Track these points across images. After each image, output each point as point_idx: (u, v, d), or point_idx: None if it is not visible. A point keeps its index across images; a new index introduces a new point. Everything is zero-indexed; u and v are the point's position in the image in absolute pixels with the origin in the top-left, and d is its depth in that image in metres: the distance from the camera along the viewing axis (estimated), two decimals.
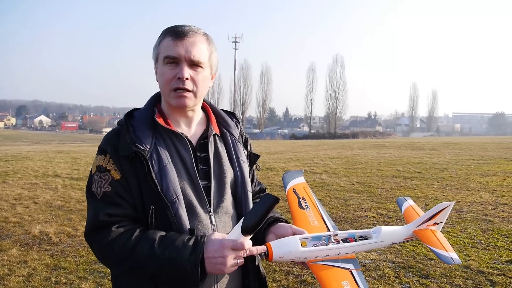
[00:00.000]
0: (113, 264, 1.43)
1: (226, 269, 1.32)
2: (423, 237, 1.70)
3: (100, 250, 1.43)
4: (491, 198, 8.34)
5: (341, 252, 1.56)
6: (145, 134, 1.47)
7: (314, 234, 1.57)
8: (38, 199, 8.56)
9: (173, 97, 1.48)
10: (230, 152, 1.64)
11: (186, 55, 1.44)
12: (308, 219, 1.75)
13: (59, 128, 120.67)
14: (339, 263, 1.54)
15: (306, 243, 1.53)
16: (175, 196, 1.41)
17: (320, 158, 16.94)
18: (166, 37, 1.47)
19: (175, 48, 1.44)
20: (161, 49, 1.48)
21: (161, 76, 1.48)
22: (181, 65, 1.45)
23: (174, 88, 1.46)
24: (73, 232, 6.11)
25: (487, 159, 15.81)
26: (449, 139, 39.30)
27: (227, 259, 1.30)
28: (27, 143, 36.89)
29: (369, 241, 1.62)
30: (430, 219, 1.69)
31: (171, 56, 1.44)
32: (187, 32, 1.46)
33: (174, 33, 1.46)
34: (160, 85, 1.51)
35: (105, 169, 1.44)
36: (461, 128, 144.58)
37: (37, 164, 14.77)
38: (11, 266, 4.77)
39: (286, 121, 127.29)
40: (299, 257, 1.50)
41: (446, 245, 1.70)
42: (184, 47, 1.44)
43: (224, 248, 1.31)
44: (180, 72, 1.44)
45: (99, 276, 4.50)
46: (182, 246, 1.33)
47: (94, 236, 1.42)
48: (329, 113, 65.92)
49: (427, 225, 1.70)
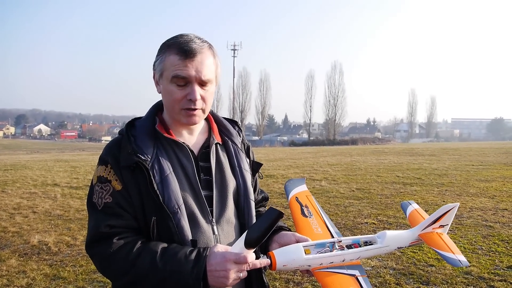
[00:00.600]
0: (114, 276, 1.41)
1: (228, 282, 1.30)
2: (429, 240, 1.67)
3: (101, 262, 1.41)
4: (491, 204, 8.33)
5: (346, 259, 1.54)
6: (146, 144, 1.46)
7: (318, 241, 1.55)
8: (37, 208, 8.53)
9: (184, 115, 1.47)
10: (232, 161, 1.63)
11: (196, 75, 1.42)
12: (312, 226, 1.74)
13: (58, 137, 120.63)
14: (344, 269, 1.52)
15: (310, 251, 1.51)
16: (176, 206, 1.39)
17: (319, 165, 16.93)
18: (172, 54, 1.42)
19: (184, 69, 1.41)
20: (167, 66, 1.43)
21: (168, 95, 1.45)
22: (192, 86, 1.43)
23: (184, 107, 1.45)
24: (72, 242, 6.08)
25: (486, 164, 15.80)
26: (448, 144, 39.34)
27: (229, 272, 1.29)
28: (26, 152, 36.85)
29: (374, 246, 1.60)
30: (435, 221, 1.66)
31: (180, 76, 1.41)
32: (195, 50, 1.41)
33: (182, 52, 1.41)
34: (168, 102, 1.49)
35: (106, 180, 1.43)
36: (460, 133, 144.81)
37: (36, 173, 14.74)
38: (10, 277, 4.74)
39: (285, 128, 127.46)
40: (303, 265, 1.48)
41: (453, 247, 1.67)
42: (194, 68, 1.41)
43: (227, 262, 1.29)
44: (192, 94, 1.42)
45: (98, 286, 4.47)
46: (184, 259, 1.31)
47: (95, 248, 1.40)
48: (328, 119, 66.07)
49: (432, 228, 1.68)
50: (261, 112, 69.63)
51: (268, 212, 1.29)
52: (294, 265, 1.47)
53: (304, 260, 1.47)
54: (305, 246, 1.52)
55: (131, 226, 1.41)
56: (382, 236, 1.62)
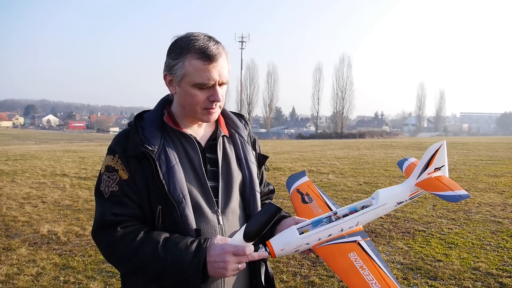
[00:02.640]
0: (117, 263, 1.47)
1: (227, 273, 1.34)
2: (427, 186, 1.58)
3: (106, 249, 1.46)
4: (499, 199, 8.27)
5: (344, 228, 1.53)
6: (154, 135, 1.49)
7: (314, 219, 1.56)
8: (46, 198, 8.62)
9: (204, 114, 1.51)
10: (239, 153, 1.66)
11: (219, 79, 1.47)
12: (312, 210, 1.75)
13: (67, 128, 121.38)
14: (345, 238, 1.52)
15: (308, 230, 1.52)
16: (182, 196, 1.43)
17: (327, 158, 16.89)
18: (193, 59, 1.43)
19: (209, 75, 1.44)
20: (189, 71, 1.44)
21: (190, 97, 1.48)
22: (215, 89, 1.47)
23: (205, 107, 1.49)
24: (81, 232, 6.15)
25: (495, 159, 15.68)
26: (456, 139, 39.01)
27: (228, 264, 1.33)
28: (35, 142, 37.16)
29: (370, 208, 1.57)
30: (427, 166, 1.57)
31: (205, 84, 1.45)
32: (215, 54, 1.44)
33: (204, 57, 1.43)
34: (189, 104, 1.50)
35: (113, 169, 1.46)
36: (469, 128, 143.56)
37: (45, 163, 14.87)
38: (20, 265, 4.81)
39: (293, 120, 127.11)
40: (301, 245, 1.48)
41: (453, 185, 1.57)
42: (218, 72, 1.46)
43: (226, 254, 1.33)
44: (216, 96, 1.47)
45: (107, 276, 4.52)
46: (185, 250, 1.35)
47: (100, 234, 1.46)
48: (335, 112, 65.70)
49: (428, 173, 1.59)
50: (269, 104, 69.40)
51: (267, 207, 1.33)
52: (291, 247, 1.48)
53: (300, 240, 1.48)
54: (302, 227, 1.52)
55: (135, 215, 1.45)
56: (375, 196, 1.60)
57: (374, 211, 1.57)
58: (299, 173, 2.07)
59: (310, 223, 1.54)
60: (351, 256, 1.43)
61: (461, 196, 1.50)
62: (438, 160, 1.57)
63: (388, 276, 1.37)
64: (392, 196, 1.60)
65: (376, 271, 1.39)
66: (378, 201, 1.57)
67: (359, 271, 1.38)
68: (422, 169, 1.58)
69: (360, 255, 1.44)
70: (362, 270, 1.38)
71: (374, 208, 1.56)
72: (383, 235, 5.90)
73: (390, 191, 1.62)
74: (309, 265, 4.74)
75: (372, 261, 1.43)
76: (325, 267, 4.63)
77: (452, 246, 5.41)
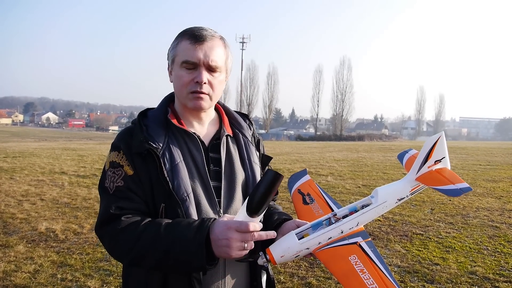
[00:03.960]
0: (120, 254, 1.42)
1: (232, 252, 1.27)
2: (428, 181, 1.50)
3: (110, 241, 1.42)
4: (497, 204, 8.28)
5: (344, 229, 1.48)
6: (158, 132, 1.48)
7: (313, 222, 1.52)
8: (45, 196, 8.61)
9: (190, 99, 1.49)
10: (242, 153, 1.64)
11: (204, 59, 1.46)
12: (313, 211, 1.71)
13: (66, 126, 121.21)
14: (346, 240, 1.47)
15: (308, 233, 1.48)
16: (186, 194, 1.41)
17: (325, 160, 16.91)
18: (183, 40, 1.48)
19: (194, 53, 1.45)
20: (178, 52, 1.48)
21: (178, 79, 1.49)
22: (199, 70, 1.46)
23: (191, 91, 1.48)
24: (79, 230, 6.15)
25: (494, 164, 15.72)
26: (455, 143, 39.04)
27: (231, 241, 1.26)
28: (34, 140, 37.09)
29: (370, 207, 1.52)
30: (426, 159, 1.50)
31: (190, 61, 1.46)
32: (205, 36, 1.47)
33: (192, 37, 1.47)
34: (177, 87, 1.52)
35: (118, 165, 1.46)
36: (468, 132, 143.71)
37: (44, 161, 14.86)
38: (18, 263, 4.81)
39: (292, 122, 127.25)
40: (301, 250, 1.45)
41: (454, 178, 1.49)
42: (203, 52, 1.46)
43: (229, 230, 1.27)
44: (199, 77, 1.46)
45: (104, 274, 4.53)
46: (187, 227, 1.32)
47: (104, 228, 1.42)
48: (335, 115, 65.72)
49: (428, 167, 1.51)
50: (268, 105, 69.40)
51: (266, 174, 1.24)
52: (291, 253, 1.44)
53: (299, 245, 1.44)
54: (302, 231, 1.49)
55: (140, 209, 1.43)
56: (375, 194, 1.55)
57: (375, 209, 1.52)
58: (300, 172, 2.02)
59: (310, 226, 1.51)
60: (351, 259, 1.39)
61: (462, 190, 1.43)
62: (437, 152, 1.50)
63: (389, 279, 1.33)
64: (392, 193, 1.55)
65: (376, 274, 1.34)
66: (377, 199, 1.52)
67: (359, 275, 1.33)
68: (421, 163, 1.51)
69: (360, 258, 1.40)
70: (363, 274, 1.34)
71: (374, 206, 1.52)
72: (381, 238, 5.91)
73: (389, 188, 1.57)
74: (306, 267, 4.74)
75: (373, 263, 1.38)
76: (323, 269, 4.64)
77: (450, 250, 5.42)
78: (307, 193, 1.83)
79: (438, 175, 1.51)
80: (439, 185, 1.47)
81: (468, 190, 1.42)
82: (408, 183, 1.55)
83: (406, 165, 1.71)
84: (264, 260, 1.44)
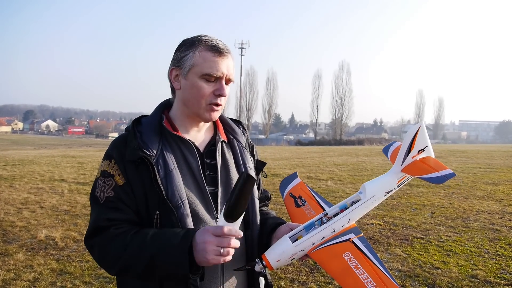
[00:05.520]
0: (109, 264, 1.42)
1: (208, 255, 1.27)
2: (413, 171, 1.52)
3: (99, 252, 1.43)
4: (498, 207, 8.27)
5: (336, 228, 1.51)
6: (152, 139, 1.48)
7: (305, 224, 1.54)
8: (45, 203, 8.60)
9: (208, 110, 1.52)
10: (237, 159, 1.65)
11: (227, 73, 1.50)
12: (305, 213, 1.73)
13: (66, 133, 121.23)
14: (338, 238, 1.49)
15: (302, 235, 1.50)
16: (180, 201, 1.41)
17: (325, 165, 16.90)
18: (204, 51, 1.48)
19: (218, 66, 1.47)
20: (199, 62, 1.47)
21: (196, 90, 1.49)
22: (221, 83, 1.50)
23: (211, 103, 1.50)
24: (79, 237, 6.13)
25: (494, 167, 15.71)
26: (455, 146, 39.06)
27: (207, 244, 1.27)
28: (34, 148, 37.10)
29: (359, 203, 1.55)
30: (409, 150, 1.52)
31: (214, 75, 1.47)
32: (226, 50, 1.51)
33: (215, 49, 1.48)
34: (193, 97, 1.50)
35: (109, 174, 1.45)
36: (467, 135, 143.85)
37: (44, 168, 14.85)
38: (17, 271, 4.79)
39: (292, 127, 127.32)
40: (296, 252, 1.47)
41: (438, 165, 1.52)
42: (226, 66, 1.49)
43: (205, 233, 1.29)
44: (222, 90, 1.50)
45: (104, 282, 4.51)
46: (173, 236, 1.34)
47: (93, 239, 1.44)
48: (334, 119, 65.76)
49: (412, 157, 1.54)
50: (268, 111, 69.51)
51: (238, 178, 1.24)
52: (286, 257, 1.46)
53: (294, 248, 1.46)
54: (295, 234, 1.51)
55: (130, 220, 1.44)
56: (362, 189, 1.57)
57: (364, 204, 1.54)
58: (290, 176, 2.04)
59: (303, 228, 1.53)
60: (345, 256, 1.42)
61: (446, 176, 1.45)
62: (419, 142, 1.52)
63: (383, 272, 1.36)
64: (379, 187, 1.57)
65: (371, 268, 1.37)
66: (366, 194, 1.54)
67: (354, 271, 1.36)
68: (405, 154, 1.53)
69: (354, 254, 1.42)
70: (357, 269, 1.37)
71: (363, 202, 1.54)
72: (381, 242, 5.89)
73: (376, 182, 1.58)
74: (307, 272, 4.73)
75: (367, 258, 1.41)
76: (323, 274, 4.62)
77: (450, 253, 5.41)
78: (298, 196, 1.85)
79: (423, 164, 1.53)
80: (424, 174, 1.49)
81: (451, 176, 1.45)
82: (394, 175, 1.57)
83: (391, 157, 1.72)
84: (260, 266, 1.46)
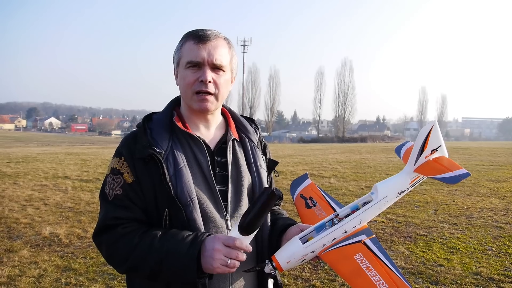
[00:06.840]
0: (118, 262, 1.43)
1: (214, 263, 1.28)
2: (427, 171, 1.49)
3: (107, 249, 1.44)
4: (501, 204, 8.26)
5: (348, 229, 1.48)
6: (162, 136, 1.48)
7: (316, 225, 1.52)
8: (48, 200, 8.64)
9: (196, 100, 1.49)
10: (249, 158, 1.63)
11: (208, 58, 1.46)
12: (316, 214, 1.71)
13: (69, 130, 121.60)
14: (350, 239, 1.47)
15: (313, 236, 1.48)
16: (189, 199, 1.40)
17: (328, 162, 16.89)
18: (188, 41, 1.49)
19: (198, 52, 1.46)
20: (183, 53, 1.49)
21: (183, 79, 1.49)
22: (203, 69, 1.46)
23: (196, 91, 1.48)
24: (83, 234, 6.16)
25: (497, 164, 15.65)
26: (458, 144, 38.96)
27: (215, 252, 1.27)
28: (37, 145, 37.18)
29: (371, 204, 1.51)
30: (422, 149, 1.48)
31: (194, 61, 1.46)
32: (209, 36, 1.48)
33: (196, 37, 1.47)
34: (182, 88, 1.52)
35: (118, 172, 1.45)
36: (470, 133, 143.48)
37: (47, 165, 14.89)
38: (22, 267, 4.82)
39: (295, 124, 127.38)
40: (306, 254, 1.45)
41: (452, 165, 1.48)
42: (207, 51, 1.46)
43: (216, 241, 1.29)
44: (203, 75, 1.46)
45: (108, 278, 4.53)
46: (181, 241, 1.33)
47: (101, 236, 1.44)
48: (337, 117, 65.81)
49: (425, 157, 1.50)
50: (270, 108, 69.63)
51: (260, 194, 1.25)
52: (297, 258, 1.44)
53: (304, 249, 1.44)
54: (306, 235, 1.49)
55: (138, 219, 1.44)
56: (374, 190, 1.54)
57: (376, 205, 1.51)
58: (301, 176, 2.02)
59: (313, 229, 1.50)
60: (357, 258, 1.39)
61: (461, 176, 1.42)
62: (432, 141, 1.48)
63: (395, 274, 1.33)
64: (392, 187, 1.54)
65: (383, 270, 1.34)
66: (378, 195, 1.51)
67: (366, 273, 1.34)
68: (418, 154, 1.49)
69: (366, 255, 1.40)
70: (369, 271, 1.34)
71: (375, 203, 1.51)
72: (384, 240, 5.89)
73: (389, 183, 1.55)
74: (310, 269, 4.74)
75: (379, 260, 1.38)
76: (327, 271, 4.63)
77: (454, 251, 5.40)
78: (309, 197, 1.83)
79: (436, 164, 1.50)
80: (437, 174, 1.45)
81: (466, 176, 1.42)
82: (407, 175, 1.54)
83: (403, 157, 1.69)
84: (270, 267, 1.44)
